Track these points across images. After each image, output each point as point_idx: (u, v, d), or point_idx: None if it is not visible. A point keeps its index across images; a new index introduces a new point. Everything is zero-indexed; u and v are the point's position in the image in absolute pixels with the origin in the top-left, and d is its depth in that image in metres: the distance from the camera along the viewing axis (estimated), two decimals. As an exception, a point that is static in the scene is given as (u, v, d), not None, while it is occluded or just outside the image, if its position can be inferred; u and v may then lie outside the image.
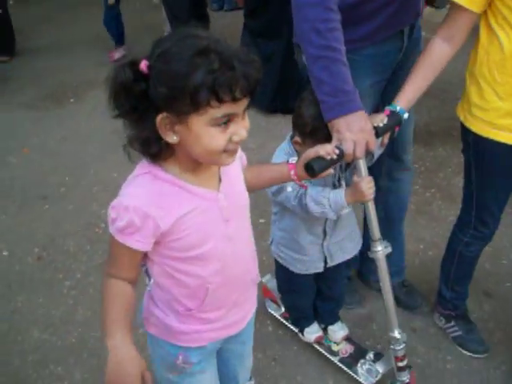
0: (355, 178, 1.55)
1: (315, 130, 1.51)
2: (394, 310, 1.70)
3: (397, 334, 1.70)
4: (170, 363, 1.29)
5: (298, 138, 1.58)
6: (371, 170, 1.65)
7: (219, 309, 1.25)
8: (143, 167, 1.10)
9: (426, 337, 2.16)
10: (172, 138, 1.03)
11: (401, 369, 1.76)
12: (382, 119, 1.53)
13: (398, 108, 1.58)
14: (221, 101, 0.96)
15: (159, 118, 1.00)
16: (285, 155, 1.60)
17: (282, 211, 1.75)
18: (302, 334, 2.05)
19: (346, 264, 1.92)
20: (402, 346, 1.72)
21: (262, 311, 2.13)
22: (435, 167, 3.21)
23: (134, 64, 1.00)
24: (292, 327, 2.12)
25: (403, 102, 1.58)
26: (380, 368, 1.89)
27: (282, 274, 1.94)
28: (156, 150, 1.05)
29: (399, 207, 2.18)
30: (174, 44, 0.98)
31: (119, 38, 4.92)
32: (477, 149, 1.73)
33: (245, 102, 1.02)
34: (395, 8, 1.59)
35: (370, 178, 1.54)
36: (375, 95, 1.78)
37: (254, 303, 1.39)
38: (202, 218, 1.12)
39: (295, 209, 1.62)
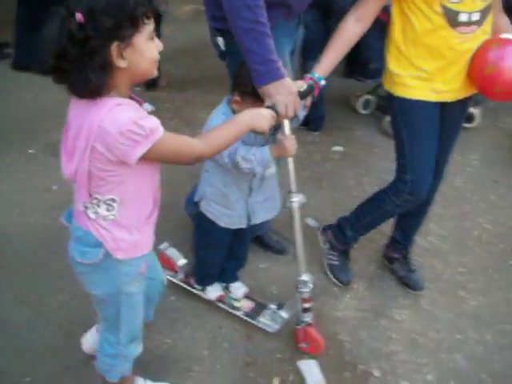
0: (280, 136, 1.75)
1: (255, 90, 1.69)
2: (302, 254, 1.90)
3: (304, 276, 1.90)
4: (135, 275, 1.50)
5: (237, 98, 1.76)
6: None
7: (155, 209, 1.50)
8: (109, 102, 1.24)
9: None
10: (125, 63, 1.23)
11: (306, 310, 1.94)
12: (301, 85, 1.78)
13: (316, 75, 1.85)
14: (149, 17, 1.24)
15: (113, 47, 1.20)
16: (222, 115, 1.78)
17: (214, 168, 1.88)
18: (204, 293, 2.18)
19: (257, 227, 2.12)
20: (308, 289, 1.90)
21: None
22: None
23: (68, 18, 1.16)
24: (192, 289, 2.21)
25: (319, 70, 1.87)
26: (284, 314, 2.05)
27: (205, 229, 2.05)
28: (101, 84, 1.22)
29: None
30: None
31: None
32: (403, 108, 1.98)
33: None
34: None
35: (293, 137, 1.75)
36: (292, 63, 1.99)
37: None
38: None
39: (227, 165, 1.79)
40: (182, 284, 2.24)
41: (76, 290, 2.09)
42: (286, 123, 1.73)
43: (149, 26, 1.25)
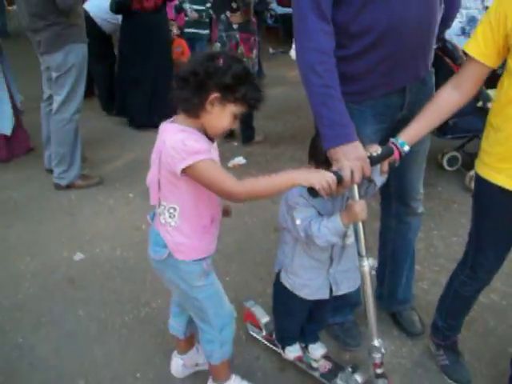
0: (350, 202, 1.71)
1: (328, 158, 1.69)
2: (374, 320, 1.82)
3: (376, 342, 1.83)
4: (198, 272, 1.76)
5: (312, 167, 1.75)
6: (383, 211, 1.99)
7: (215, 224, 1.77)
8: (177, 127, 1.60)
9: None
10: (210, 108, 1.55)
11: (378, 376, 1.86)
12: (376, 149, 1.68)
13: (400, 140, 1.70)
14: (247, 105, 1.58)
15: (213, 95, 1.53)
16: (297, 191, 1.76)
17: (291, 238, 1.88)
18: (284, 352, 2.16)
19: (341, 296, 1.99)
20: (380, 354, 1.83)
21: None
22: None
23: (213, 58, 1.55)
24: (273, 347, 2.23)
25: (405, 136, 1.71)
26: (358, 378, 1.99)
27: (283, 298, 2.02)
28: (194, 110, 1.58)
29: (405, 249, 2.30)
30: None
31: None
32: (478, 190, 1.80)
33: None
34: (387, 68, 1.74)
35: (363, 202, 1.68)
36: (377, 141, 1.85)
37: None
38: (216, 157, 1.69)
39: (302, 239, 1.77)
40: (264, 341, 2.30)
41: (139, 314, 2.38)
42: (355, 188, 1.67)
43: (242, 108, 1.58)
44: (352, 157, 1.62)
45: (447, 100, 1.69)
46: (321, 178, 1.55)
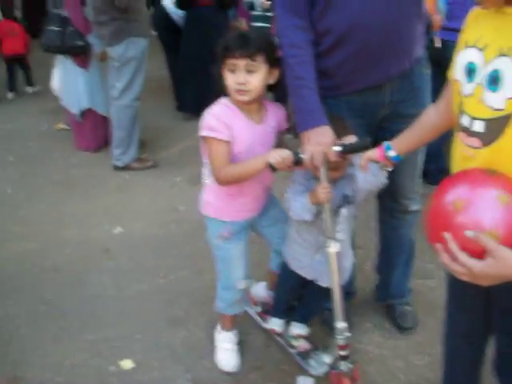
0: (317, 184, 1.81)
1: None
2: (339, 302, 1.88)
3: (340, 324, 1.89)
4: (219, 233, 2.02)
5: None
6: (378, 204, 2.16)
7: (246, 196, 1.97)
8: (222, 101, 1.86)
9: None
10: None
11: (342, 358, 1.92)
12: (349, 139, 1.77)
13: (386, 144, 1.67)
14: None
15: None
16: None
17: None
18: (267, 322, 2.28)
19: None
20: (343, 336, 1.89)
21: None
22: None
23: None
24: (264, 324, 2.35)
25: (394, 142, 1.67)
26: (326, 358, 2.08)
27: (282, 267, 2.16)
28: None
29: (398, 243, 2.32)
30: None
31: None
32: None
33: None
34: (353, 66, 1.81)
35: (326, 185, 1.76)
36: (363, 135, 1.83)
37: (268, 196, 2.10)
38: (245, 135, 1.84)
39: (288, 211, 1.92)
40: (255, 317, 2.43)
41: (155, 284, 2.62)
42: (322, 171, 1.77)
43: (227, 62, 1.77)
44: (314, 141, 1.74)
45: (428, 121, 1.59)
46: (276, 155, 1.73)
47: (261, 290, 2.43)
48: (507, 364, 1.56)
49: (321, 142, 1.73)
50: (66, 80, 4.44)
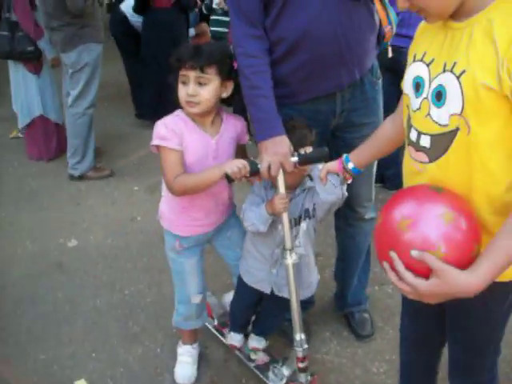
0: (274, 194, 1.81)
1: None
2: (297, 315, 1.86)
3: (298, 336, 1.87)
4: (172, 245, 2.00)
5: None
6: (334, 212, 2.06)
7: (198, 211, 1.92)
8: (176, 112, 1.84)
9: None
10: None
11: (301, 370, 1.91)
12: (306, 149, 1.77)
13: (345, 156, 1.70)
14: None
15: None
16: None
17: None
18: (225, 337, 2.25)
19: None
20: (301, 348, 1.87)
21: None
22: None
23: None
24: (222, 338, 2.32)
25: (353, 153, 1.69)
26: (285, 371, 2.06)
27: (238, 281, 2.13)
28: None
29: (354, 251, 2.32)
30: None
31: None
32: None
33: None
34: (304, 75, 1.80)
35: (283, 195, 1.76)
36: (320, 143, 1.87)
37: (223, 214, 2.03)
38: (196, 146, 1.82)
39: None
40: (214, 331, 2.38)
41: (110, 299, 2.54)
42: (280, 181, 1.75)
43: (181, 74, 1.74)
44: (271, 151, 1.72)
45: (386, 132, 1.59)
46: (232, 165, 1.70)
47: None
48: (458, 370, 1.57)
49: (278, 151, 1.71)
50: (16, 86, 4.30)
